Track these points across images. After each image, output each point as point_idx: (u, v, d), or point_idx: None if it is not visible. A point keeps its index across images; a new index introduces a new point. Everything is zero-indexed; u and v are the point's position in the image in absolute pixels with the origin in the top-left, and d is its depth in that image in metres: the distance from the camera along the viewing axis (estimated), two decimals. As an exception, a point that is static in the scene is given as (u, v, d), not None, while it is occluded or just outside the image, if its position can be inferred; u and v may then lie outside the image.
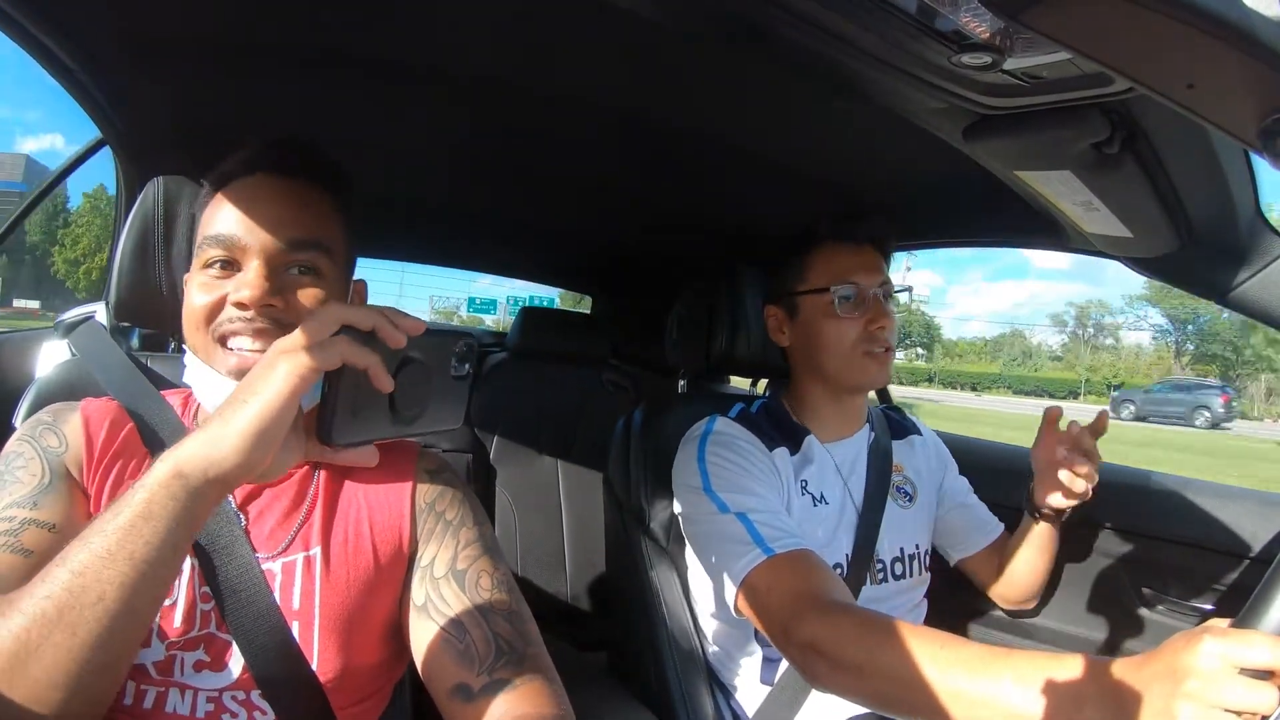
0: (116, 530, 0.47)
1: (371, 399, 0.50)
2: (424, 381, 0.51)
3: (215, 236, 0.66)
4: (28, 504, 0.61)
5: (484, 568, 0.69)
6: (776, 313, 1.10)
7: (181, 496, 0.48)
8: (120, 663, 0.50)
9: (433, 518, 0.71)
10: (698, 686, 1.02)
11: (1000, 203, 0.94)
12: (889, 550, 1.04)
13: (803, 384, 1.09)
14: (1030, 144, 0.68)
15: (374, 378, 0.48)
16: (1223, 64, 0.40)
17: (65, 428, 0.68)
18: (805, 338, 1.05)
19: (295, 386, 0.47)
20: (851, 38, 0.56)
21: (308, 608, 0.66)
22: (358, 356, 0.48)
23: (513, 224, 1.77)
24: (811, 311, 1.04)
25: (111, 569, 0.46)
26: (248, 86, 1.06)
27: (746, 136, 1.09)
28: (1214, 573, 1.10)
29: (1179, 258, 0.88)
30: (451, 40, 0.88)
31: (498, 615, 0.66)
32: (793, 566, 0.83)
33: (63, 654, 0.46)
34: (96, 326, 0.87)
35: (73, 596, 0.46)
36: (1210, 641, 0.50)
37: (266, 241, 0.65)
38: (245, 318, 0.64)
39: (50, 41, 0.88)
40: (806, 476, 1.02)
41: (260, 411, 0.47)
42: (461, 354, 0.53)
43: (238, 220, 0.66)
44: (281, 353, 0.48)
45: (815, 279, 1.04)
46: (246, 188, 0.68)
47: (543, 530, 1.80)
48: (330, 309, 0.49)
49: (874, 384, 1.05)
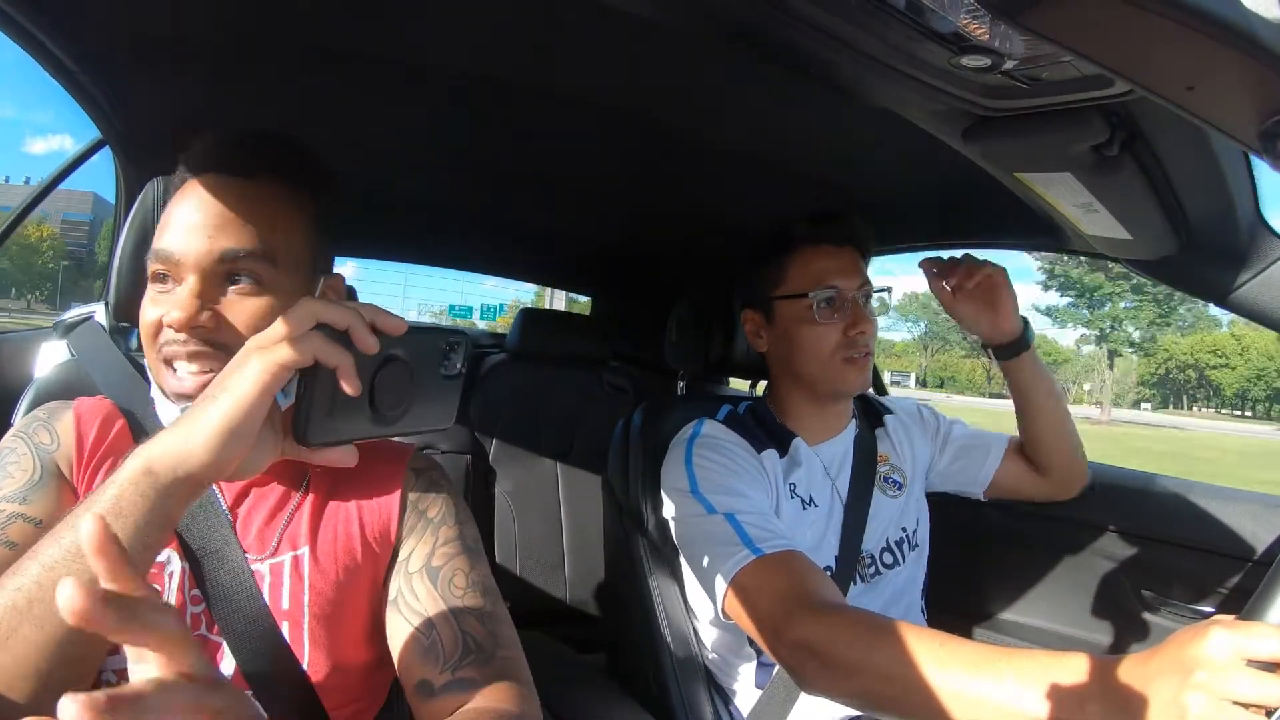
0: None
1: (350, 398, 0.48)
2: (407, 380, 0.50)
3: (155, 250, 0.64)
4: (17, 499, 0.61)
5: (459, 566, 0.68)
6: (754, 317, 1.09)
7: (150, 494, 0.47)
8: (90, 656, 0.50)
9: (415, 515, 0.71)
10: (696, 689, 1.02)
11: (1000, 205, 0.94)
12: (875, 543, 1.04)
13: (783, 388, 1.08)
14: (1030, 146, 0.68)
15: (342, 378, 0.47)
16: (1222, 66, 0.40)
17: (58, 425, 0.68)
18: (783, 343, 1.04)
19: (266, 383, 0.46)
20: (850, 39, 0.56)
21: (296, 608, 0.66)
22: (329, 355, 0.46)
23: (511, 225, 1.77)
24: (789, 316, 1.03)
25: (80, 564, 0.46)
26: (248, 86, 1.06)
27: (746, 137, 1.09)
28: (1215, 575, 1.09)
29: (1179, 260, 0.88)
30: (452, 40, 0.88)
31: (469, 615, 0.65)
32: (781, 567, 0.82)
33: (30, 646, 0.46)
34: (95, 326, 0.87)
35: (42, 590, 0.46)
36: (1219, 632, 0.49)
37: (199, 255, 0.62)
38: (179, 340, 0.61)
39: (49, 41, 0.88)
40: (795, 479, 1.01)
41: (230, 408, 0.46)
42: (449, 352, 0.52)
43: (174, 232, 0.63)
44: (254, 349, 0.47)
45: (793, 284, 1.02)
46: (192, 193, 0.65)
47: (542, 532, 1.80)
48: (305, 304, 0.48)
49: (853, 390, 1.04)
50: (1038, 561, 1.27)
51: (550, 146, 1.22)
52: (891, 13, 0.51)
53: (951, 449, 1.16)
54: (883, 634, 0.69)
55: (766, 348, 1.08)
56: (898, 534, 1.07)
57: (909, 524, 1.09)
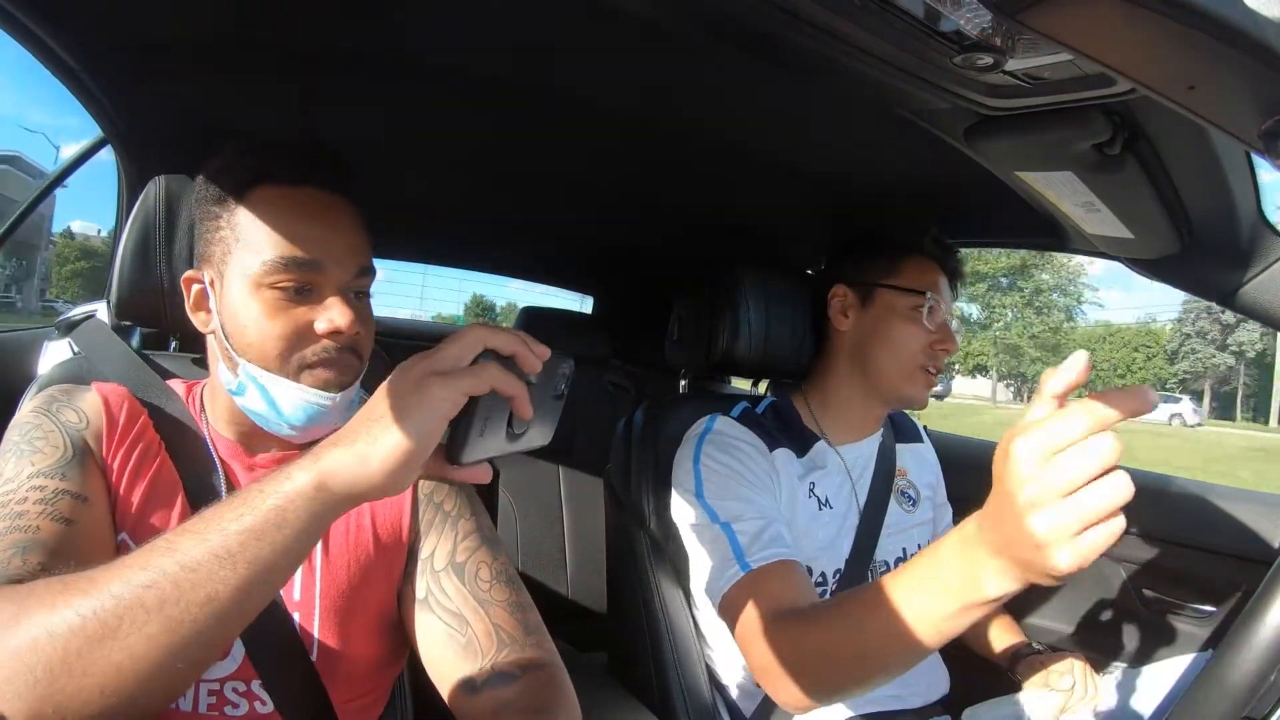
0: (240, 532, 0.45)
1: (497, 419, 0.50)
2: (536, 401, 0.51)
3: (295, 260, 0.64)
4: (55, 474, 0.60)
5: (483, 559, 0.69)
6: (849, 294, 1.07)
7: (318, 509, 0.47)
8: (210, 660, 0.49)
9: (431, 509, 0.72)
10: (698, 686, 1.02)
11: (1001, 203, 0.94)
12: (891, 551, 1.04)
13: (838, 375, 1.07)
14: (1032, 145, 0.68)
15: (519, 405, 0.48)
16: (1224, 65, 0.40)
17: (83, 405, 0.67)
18: (872, 329, 1.04)
19: (448, 412, 0.46)
20: (852, 39, 0.56)
21: (308, 598, 0.66)
22: (506, 385, 0.47)
23: (512, 224, 1.77)
24: (891, 307, 1.03)
25: (229, 570, 0.45)
26: (249, 85, 1.06)
27: (748, 136, 1.09)
28: (1215, 574, 1.09)
29: (1180, 259, 0.88)
30: (453, 40, 0.88)
31: (498, 607, 0.66)
32: (764, 583, 0.83)
33: (156, 648, 0.44)
34: (99, 322, 0.87)
35: (180, 591, 0.44)
36: (1016, 443, 0.46)
37: (344, 270, 0.66)
38: (336, 347, 0.65)
39: (52, 40, 0.88)
40: (815, 479, 1.01)
41: (415, 435, 0.46)
42: (561, 375, 0.54)
43: (316, 245, 0.65)
44: (431, 375, 0.46)
45: (908, 280, 1.03)
46: (305, 203, 0.66)
47: (543, 530, 1.81)
48: (475, 331, 0.48)
49: (915, 402, 1.04)
50: None
51: (551, 146, 1.22)
52: (893, 11, 0.51)
53: (938, 521, 1.17)
54: (803, 620, 0.73)
55: (849, 327, 1.07)
56: (914, 548, 1.07)
57: (923, 543, 1.09)
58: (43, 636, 0.43)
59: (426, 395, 0.46)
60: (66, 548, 0.54)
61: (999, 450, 0.48)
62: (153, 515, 0.65)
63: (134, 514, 0.64)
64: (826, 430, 1.06)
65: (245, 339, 0.65)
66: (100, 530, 0.61)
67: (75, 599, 0.44)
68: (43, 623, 0.43)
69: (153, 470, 0.66)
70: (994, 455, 0.49)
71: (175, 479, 0.67)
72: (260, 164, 0.67)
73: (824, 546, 0.97)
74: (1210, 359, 33.11)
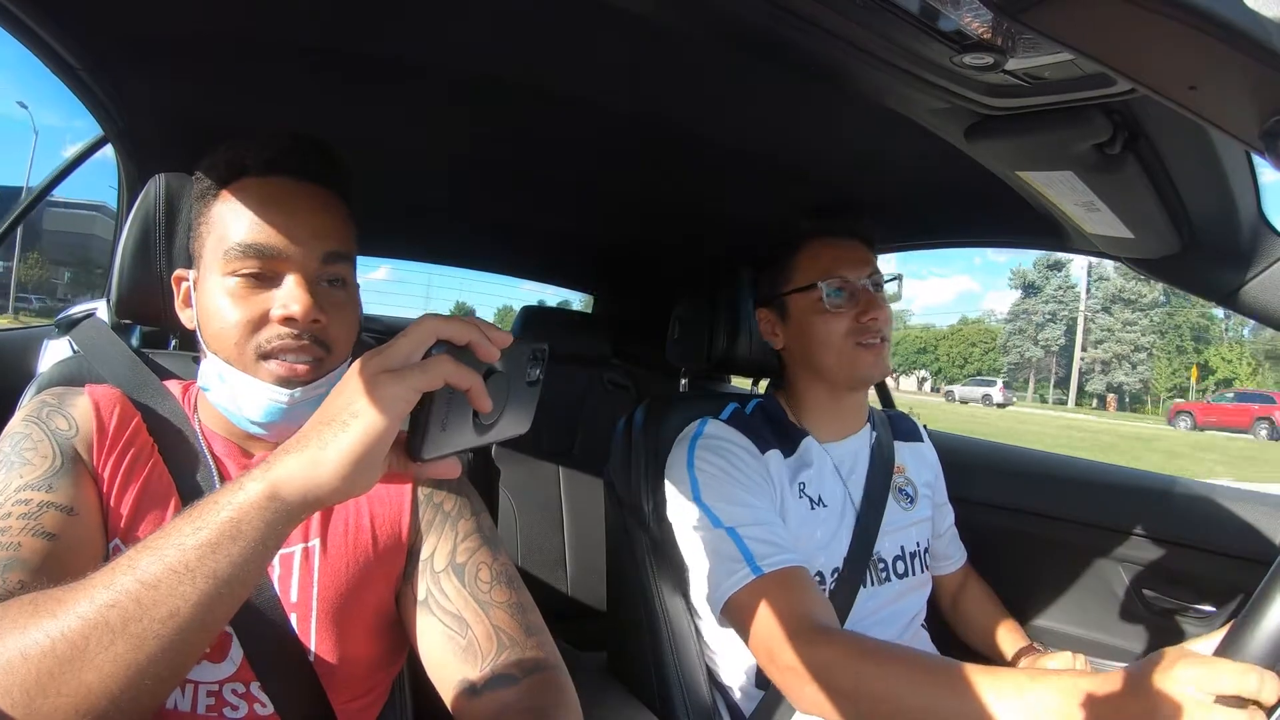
0: (198, 546, 0.45)
1: (460, 412, 0.48)
2: (504, 390, 0.50)
3: (252, 246, 0.63)
4: (42, 487, 0.59)
5: (483, 560, 0.69)
6: (768, 316, 1.10)
7: (273, 518, 0.46)
8: (182, 672, 0.49)
9: (431, 509, 0.71)
10: (697, 686, 1.02)
11: (1002, 203, 0.94)
12: (890, 549, 1.04)
13: (800, 384, 1.09)
14: (1032, 144, 0.68)
15: (475, 398, 0.47)
16: (1224, 65, 0.40)
17: (73, 411, 0.66)
18: (798, 337, 1.05)
19: (400, 411, 0.45)
20: (853, 38, 0.56)
21: (305, 599, 0.66)
22: (460, 377, 0.46)
23: (514, 224, 1.77)
24: (802, 310, 1.04)
25: (189, 585, 0.44)
26: (249, 83, 1.06)
27: (748, 136, 1.08)
28: (1216, 575, 1.09)
29: (1181, 259, 0.88)
30: (452, 39, 0.88)
31: (498, 608, 0.66)
32: (780, 587, 0.84)
33: (122, 666, 0.43)
34: (98, 321, 0.87)
35: (142, 609, 0.44)
36: (1185, 668, 0.51)
37: (306, 254, 0.64)
38: (293, 334, 0.63)
39: (52, 39, 0.88)
40: (804, 479, 1.01)
41: (365, 436, 0.45)
42: (533, 361, 0.53)
43: (276, 230, 0.64)
44: (382, 371, 0.45)
45: (801, 277, 1.04)
46: (273, 191, 0.65)
47: (544, 530, 1.81)
48: (427, 324, 0.47)
49: (870, 376, 1.04)
50: (1043, 563, 1.27)
51: (551, 146, 1.22)
52: (894, 11, 0.51)
53: (937, 524, 1.17)
54: (874, 660, 0.73)
55: (783, 344, 1.09)
56: (913, 545, 1.07)
57: (923, 540, 1.10)
58: (17, 659, 0.42)
59: (377, 394, 0.45)
60: (50, 563, 0.53)
61: (1164, 661, 0.54)
62: (145, 520, 0.64)
63: (126, 520, 0.63)
64: (811, 430, 1.07)
65: (211, 329, 0.65)
66: (88, 540, 0.60)
67: (44, 620, 0.43)
68: (16, 645, 0.43)
69: (145, 474, 0.66)
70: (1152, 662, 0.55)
71: (169, 482, 0.66)
72: (237, 158, 0.66)
73: (820, 546, 0.97)
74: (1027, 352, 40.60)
